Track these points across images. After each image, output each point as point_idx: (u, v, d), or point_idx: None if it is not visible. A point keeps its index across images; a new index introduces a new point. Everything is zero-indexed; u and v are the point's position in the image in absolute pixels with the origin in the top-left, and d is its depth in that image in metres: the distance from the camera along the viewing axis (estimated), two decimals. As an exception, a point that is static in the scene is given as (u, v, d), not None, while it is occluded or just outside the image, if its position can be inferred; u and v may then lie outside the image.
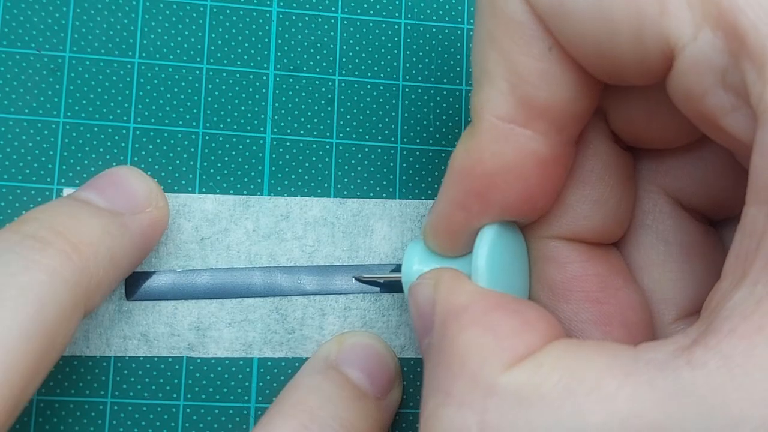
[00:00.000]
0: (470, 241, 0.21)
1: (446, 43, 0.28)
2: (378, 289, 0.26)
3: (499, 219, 0.21)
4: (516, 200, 0.20)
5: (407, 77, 0.27)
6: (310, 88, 0.27)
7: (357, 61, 0.27)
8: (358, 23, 0.28)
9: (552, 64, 0.19)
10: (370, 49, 0.28)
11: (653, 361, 0.16)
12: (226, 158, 0.26)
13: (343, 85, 0.27)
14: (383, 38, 0.28)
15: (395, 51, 0.28)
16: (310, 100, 0.27)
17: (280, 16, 0.27)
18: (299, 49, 0.27)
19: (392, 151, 0.27)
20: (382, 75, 0.27)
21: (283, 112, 0.27)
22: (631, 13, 0.17)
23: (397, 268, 0.26)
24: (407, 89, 0.27)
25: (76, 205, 0.23)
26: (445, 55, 0.28)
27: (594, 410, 0.15)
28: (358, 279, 0.26)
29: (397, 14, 0.28)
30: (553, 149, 0.20)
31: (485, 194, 0.20)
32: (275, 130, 0.27)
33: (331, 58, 0.27)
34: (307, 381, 0.24)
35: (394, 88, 0.27)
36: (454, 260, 0.22)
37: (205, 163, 0.26)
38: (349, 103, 0.27)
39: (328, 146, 0.27)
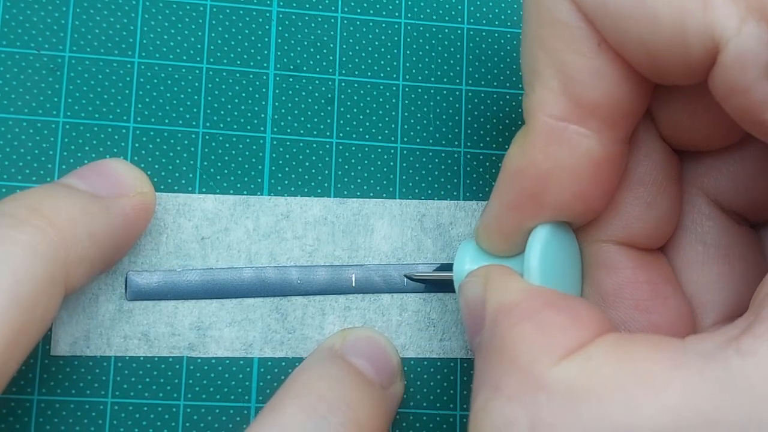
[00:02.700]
0: (523, 241, 0.21)
1: (446, 42, 0.28)
2: (382, 288, 0.26)
3: (552, 219, 0.21)
4: (570, 200, 0.20)
5: (407, 77, 0.27)
6: (310, 88, 0.27)
7: (357, 60, 0.27)
8: (358, 23, 0.28)
9: (601, 61, 0.19)
10: (370, 49, 0.28)
11: (702, 351, 0.16)
12: (226, 158, 0.26)
13: (343, 84, 0.27)
14: (383, 38, 0.28)
15: (395, 51, 0.28)
16: (310, 100, 0.27)
17: (280, 15, 0.27)
18: (299, 49, 0.27)
19: (392, 151, 0.27)
20: (382, 75, 0.27)
21: (283, 111, 0.27)
22: (674, 8, 0.17)
23: (442, 267, 0.26)
24: (407, 89, 0.27)
25: (55, 187, 0.23)
26: (446, 55, 0.28)
27: (644, 403, 0.16)
28: (408, 277, 0.26)
29: (397, 14, 0.28)
30: (607, 148, 0.20)
31: (539, 195, 0.20)
32: (275, 129, 0.27)
33: (331, 58, 0.27)
34: (315, 366, 0.24)
35: (394, 88, 0.27)
36: (506, 260, 0.22)
37: (205, 163, 0.26)
38: (349, 103, 0.27)
39: (328, 146, 0.27)
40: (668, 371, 0.16)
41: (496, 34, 0.28)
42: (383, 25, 0.28)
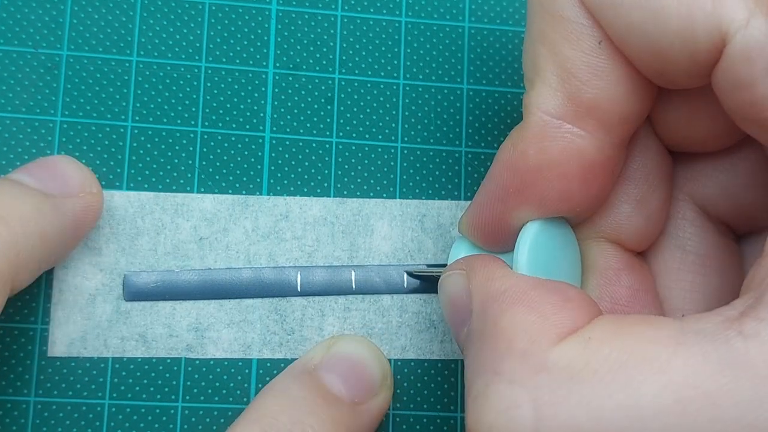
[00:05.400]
0: (513, 237, 0.21)
1: (447, 41, 0.28)
2: (383, 289, 0.26)
3: (535, 216, 0.21)
4: (555, 199, 0.20)
5: (408, 76, 0.27)
6: (310, 87, 0.27)
7: (357, 59, 0.27)
8: (358, 21, 0.27)
9: (602, 59, 0.19)
10: (370, 48, 0.27)
11: (702, 331, 0.16)
12: (225, 157, 0.26)
13: (343, 83, 0.27)
14: (383, 36, 0.27)
15: (395, 49, 0.27)
16: (309, 99, 0.27)
17: (280, 14, 0.27)
18: (299, 48, 0.27)
19: (392, 151, 0.27)
20: (382, 73, 0.27)
21: (282, 111, 0.27)
22: (682, 1, 0.17)
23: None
24: (408, 88, 0.27)
25: (7, 183, 0.22)
26: (446, 54, 0.28)
27: (647, 382, 0.16)
28: (409, 274, 0.26)
29: (397, 12, 0.28)
30: (600, 152, 0.20)
31: (524, 189, 0.20)
32: (274, 129, 0.27)
33: (330, 57, 0.27)
34: (278, 385, 0.24)
35: (394, 87, 0.27)
36: (500, 255, 0.22)
37: (204, 163, 0.26)
38: (349, 102, 0.27)
39: (327, 145, 0.27)
40: (669, 350, 0.16)
41: (498, 33, 0.28)
42: (383, 23, 0.27)
